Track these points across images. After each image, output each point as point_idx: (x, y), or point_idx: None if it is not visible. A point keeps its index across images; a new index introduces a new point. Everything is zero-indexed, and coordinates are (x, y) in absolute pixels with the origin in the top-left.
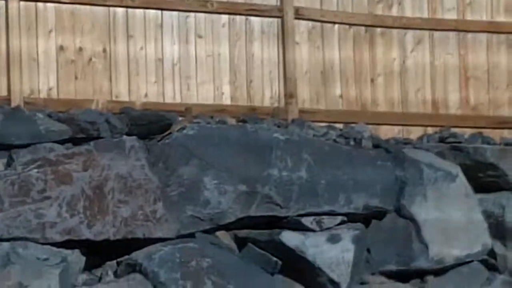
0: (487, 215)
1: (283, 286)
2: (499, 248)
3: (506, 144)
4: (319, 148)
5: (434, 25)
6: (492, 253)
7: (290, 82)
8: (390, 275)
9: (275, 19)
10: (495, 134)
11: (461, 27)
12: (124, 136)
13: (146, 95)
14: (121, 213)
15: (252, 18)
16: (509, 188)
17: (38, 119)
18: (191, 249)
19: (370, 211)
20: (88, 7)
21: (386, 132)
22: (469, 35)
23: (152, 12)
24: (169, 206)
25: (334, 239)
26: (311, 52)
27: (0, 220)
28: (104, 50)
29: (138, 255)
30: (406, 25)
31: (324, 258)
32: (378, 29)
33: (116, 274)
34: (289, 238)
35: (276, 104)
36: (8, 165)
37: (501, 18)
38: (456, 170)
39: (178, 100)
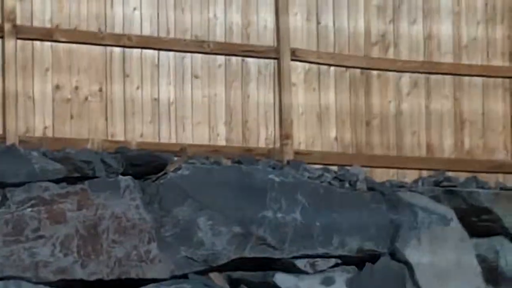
0: (481, 259)
1: None
2: None
3: (501, 189)
4: (314, 190)
5: (430, 69)
6: None
7: (286, 123)
8: None
9: (272, 61)
10: (490, 178)
11: (457, 71)
12: (119, 176)
13: (141, 135)
14: (115, 253)
15: (249, 59)
16: (504, 233)
17: (33, 158)
18: None
19: (364, 254)
20: (85, 46)
21: (381, 175)
22: (465, 78)
23: (149, 52)
24: (163, 246)
25: (327, 282)
26: (307, 94)
27: None
28: (100, 90)
29: None
30: (402, 68)
31: None
32: (374, 72)
33: None
34: (283, 280)
35: (271, 146)
36: (2, 203)
37: (497, 62)
38: (451, 214)
39: (173, 140)
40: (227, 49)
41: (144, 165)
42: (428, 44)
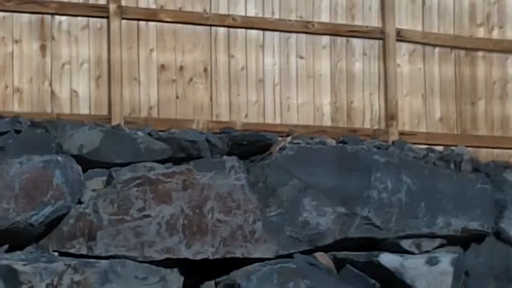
0: None
1: None
2: None
3: None
4: (419, 170)
5: None
6: None
7: (391, 104)
8: None
9: (377, 41)
10: None
11: None
12: (225, 156)
13: (246, 116)
14: (220, 232)
15: (353, 39)
16: None
17: (138, 138)
18: (290, 269)
19: (469, 234)
20: (189, 26)
21: (486, 155)
22: None
23: (253, 32)
24: (268, 226)
25: (432, 262)
26: (412, 74)
27: (99, 238)
28: (205, 70)
29: (237, 275)
30: (507, 48)
31: (423, 280)
32: (480, 53)
33: None
34: (388, 260)
35: (376, 126)
36: (108, 183)
37: None
38: None
39: (278, 121)
40: (332, 30)
41: (249, 145)
42: None
